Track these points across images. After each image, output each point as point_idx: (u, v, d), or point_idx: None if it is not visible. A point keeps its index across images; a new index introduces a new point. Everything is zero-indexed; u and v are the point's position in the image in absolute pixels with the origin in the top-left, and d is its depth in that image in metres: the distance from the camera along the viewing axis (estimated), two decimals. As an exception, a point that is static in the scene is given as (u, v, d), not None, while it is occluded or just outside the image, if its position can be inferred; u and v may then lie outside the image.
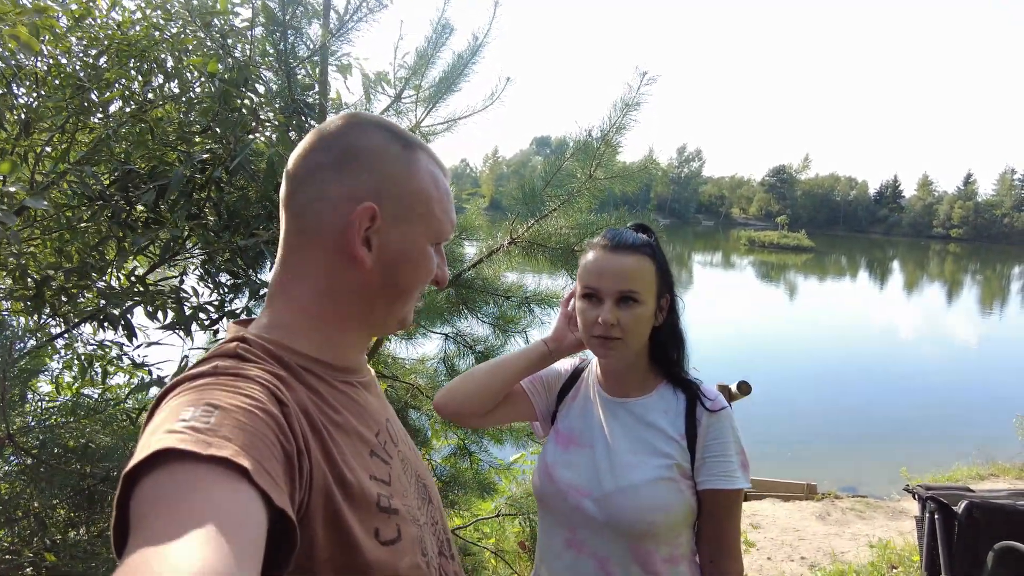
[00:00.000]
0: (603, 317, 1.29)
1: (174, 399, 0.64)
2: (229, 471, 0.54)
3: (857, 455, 9.42)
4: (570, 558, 1.34)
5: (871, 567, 4.41)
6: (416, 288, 0.86)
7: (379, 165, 0.80)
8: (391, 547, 0.75)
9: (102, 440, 1.83)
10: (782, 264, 48.14)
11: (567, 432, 1.43)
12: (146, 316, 2.05)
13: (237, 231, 2.11)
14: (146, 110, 2.29)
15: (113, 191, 2.12)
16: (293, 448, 0.64)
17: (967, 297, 35.80)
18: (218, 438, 0.56)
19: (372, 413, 0.85)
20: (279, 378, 0.70)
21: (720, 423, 1.35)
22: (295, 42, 2.21)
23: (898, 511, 6.18)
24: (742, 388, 3.64)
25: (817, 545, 5.29)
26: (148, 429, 0.60)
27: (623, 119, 2.27)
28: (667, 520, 1.29)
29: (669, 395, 1.38)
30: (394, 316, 0.87)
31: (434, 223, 0.84)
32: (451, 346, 2.78)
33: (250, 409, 0.62)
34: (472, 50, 2.64)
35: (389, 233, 0.80)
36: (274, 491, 0.57)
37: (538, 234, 2.31)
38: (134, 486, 0.54)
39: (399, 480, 0.83)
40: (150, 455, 0.54)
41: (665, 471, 1.30)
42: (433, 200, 0.84)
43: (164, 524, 0.49)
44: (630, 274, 1.31)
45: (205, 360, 0.71)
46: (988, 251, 75.88)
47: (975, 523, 2.20)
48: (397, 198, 0.80)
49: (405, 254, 0.82)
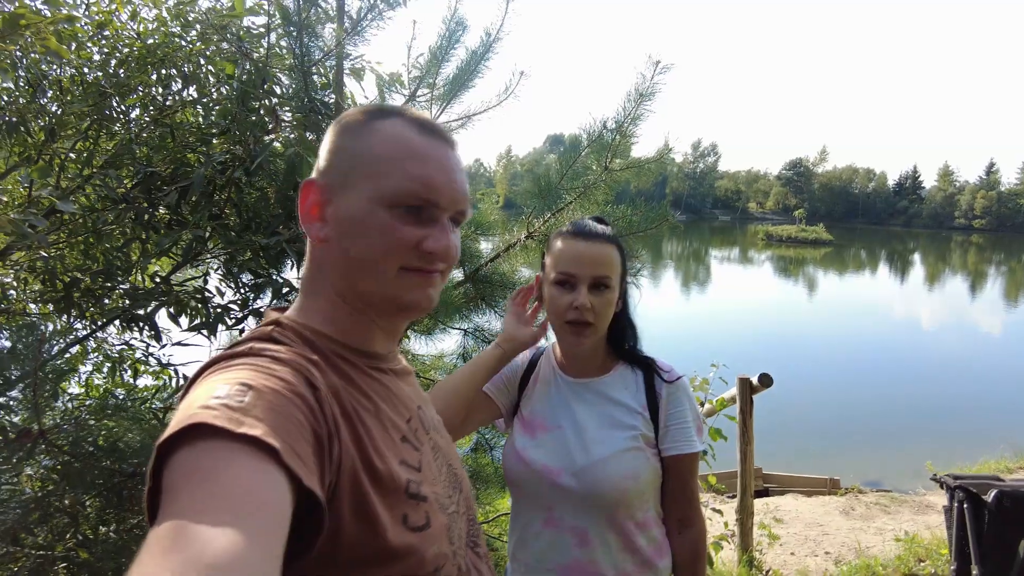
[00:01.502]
0: (579, 302, 1.36)
1: (210, 376, 0.65)
2: (259, 451, 0.55)
3: (881, 449, 9.30)
4: (549, 536, 1.40)
5: (898, 561, 4.34)
6: (375, 258, 0.78)
7: (335, 140, 0.81)
8: (419, 533, 0.75)
9: (132, 438, 1.87)
10: (801, 258, 47.62)
11: (532, 419, 1.48)
12: (168, 318, 2.09)
13: (258, 230, 2.14)
14: (166, 115, 2.34)
15: (136, 193, 2.16)
16: (324, 431, 0.65)
17: (991, 289, 35.15)
18: (250, 418, 0.57)
19: (403, 400, 0.86)
20: (312, 362, 0.71)
21: (678, 392, 1.44)
22: (310, 43, 2.24)
23: (924, 505, 6.09)
24: (763, 380, 3.63)
25: (841, 540, 5.22)
26: (183, 404, 0.62)
27: (638, 109, 2.27)
28: (637, 487, 1.38)
29: (628, 372, 1.47)
30: (372, 293, 0.80)
31: (382, 182, 0.77)
32: (470, 341, 2.79)
33: (282, 391, 0.63)
34: (485, 46, 2.64)
35: (338, 202, 0.79)
36: (303, 472, 0.58)
37: (554, 228, 2.31)
38: (168, 457, 0.55)
39: (429, 467, 0.83)
40: (184, 428, 0.55)
41: (632, 442, 1.39)
42: (385, 159, 0.77)
43: (193, 500, 0.50)
44: (604, 260, 1.39)
45: (241, 341, 0.73)
46: (1012, 241, 74.39)
47: (1006, 512, 2.17)
48: (343, 166, 0.79)
49: (349, 219, 0.78)
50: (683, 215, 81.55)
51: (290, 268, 2.28)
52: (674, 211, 2.48)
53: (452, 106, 2.73)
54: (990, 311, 25.73)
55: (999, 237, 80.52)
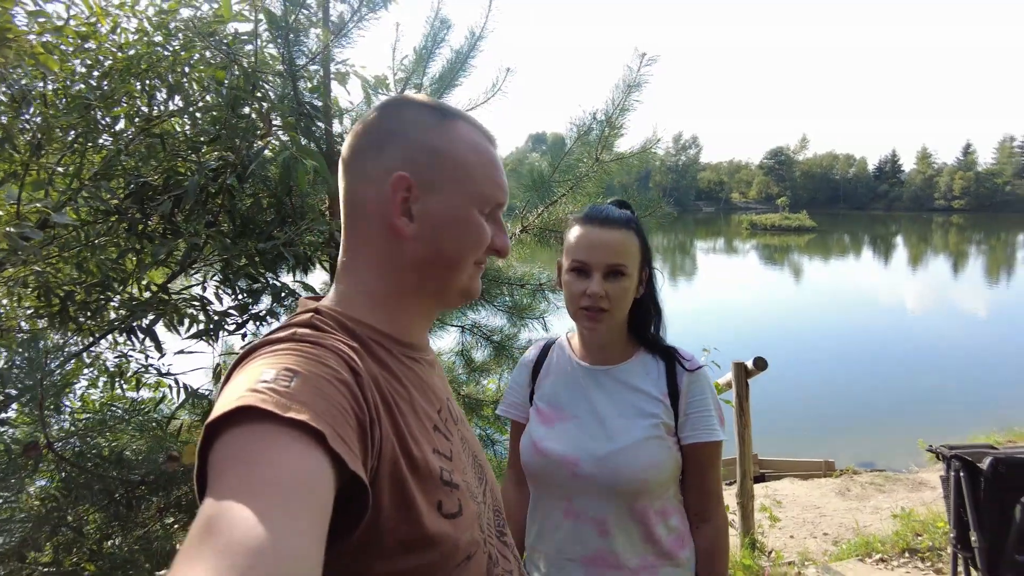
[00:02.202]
0: (592, 289, 1.34)
1: (254, 361, 0.66)
2: (304, 435, 0.56)
3: (873, 430, 9.40)
4: (569, 526, 1.38)
5: (896, 536, 4.40)
6: (465, 256, 0.84)
7: (412, 137, 0.82)
8: (453, 520, 0.76)
9: (137, 448, 1.87)
10: (785, 246, 47.99)
11: (548, 409, 1.47)
12: (165, 327, 2.09)
13: (252, 236, 2.14)
14: (153, 124, 2.33)
15: (128, 204, 2.16)
16: (366, 417, 0.66)
17: (973, 268, 35.61)
18: (296, 402, 0.58)
19: (435, 390, 0.87)
20: (352, 349, 0.72)
21: (699, 381, 1.41)
22: (297, 47, 2.25)
23: (918, 483, 6.17)
24: (758, 364, 3.68)
25: (839, 521, 5.28)
26: (228, 388, 0.63)
27: (626, 100, 2.30)
28: (659, 476, 1.36)
29: (649, 360, 1.45)
30: (451, 287, 0.86)
31: (475, 188, 0.83)
32: (468, 338, 2.80)
33: (327, 377, 0.64)
34: (471, 44, 2.66)
35: (428, 201, 0.81)
36: (349, 457, 0.59)
37: (548, 221, 2.33)
38: (215, 438, 0.56)
39: (459, 457, 0.84)
40: (232, 410, 0.56)
41: (653, 430, 1.36)
42: (472, 165, 0.83)
43: (240, 483, 0.51)
44: (618, 248, 1.36)
45: (283, 327, 0.74)
46: (991, 220, 75.46)
47: (1001, 478, 2.21)
48: (432, 166, 0.81)
49: (447, 221, 0.82)
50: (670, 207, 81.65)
51: (286, 272, 2.29)
52: (656, 191, 2.52)
53: (440, 105, 2.75)
54: (973, 290, 26.07)
55: (978, 217, 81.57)
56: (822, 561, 4.25)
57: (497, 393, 2.89)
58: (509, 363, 2.75)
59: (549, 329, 2.65)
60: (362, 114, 2.82)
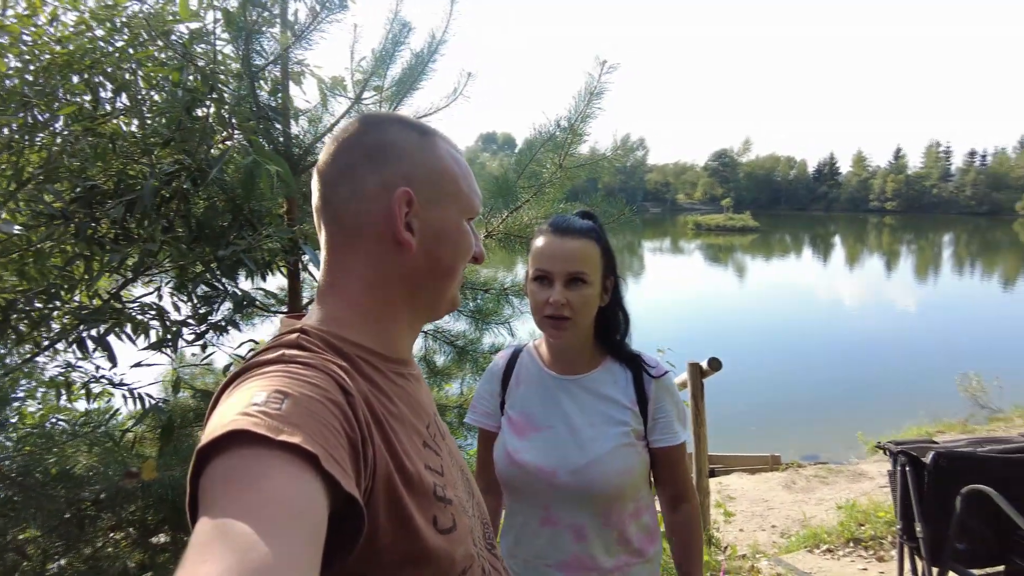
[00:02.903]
0: (553, 298, 1.38)
1: (243, 385, 0.65)
2: (297, 458, 0.55)
3: (816, 424, 9.76)
4: (548, 534, 1.43)
5: (840, 527, 4.59)
6: (460, 265, 0.89)
7: (405, 153, 0.83)
8: (448, 535, 0.76)
9: (88, 464, 1.78)
10: (729, 246, 49.34)
11: (521, 419, 1.49)
12: (116, 337, 2.00)
13: (210, 242, 2.08)
14: (99, 124, 2.23)
15: (75, 208, 2.06)
16: (358, 436, 0.66)
17: (904, 266, 37.41)
18: (288, 425, 0.57)
19: (423, 405, 0.87)
20: (342, 368, 0.72)
21: (664, 387, 1.49)
22: (255, 48, 2.19)
23: (858, 474, 6.44)
24: (713, 365, 3.77)
25: (786, 513, 5.48)
26: (218, 412, 0.62)
27: (588, 107, 2.32)
28: (631, 481, 1.42)
29: (616, 368, 1.49)
30: (443, 297, 0.89)
31: (464, 199, 0.88)
32: (430, 342, 2.78)
33: (318, 398, 0.63)
34: (431, 48, 2.65)
35: (427, 215, 0.83)
36: (343, 478, 0.58)
37: (513, 226, 2.34)
38: (206, 464, 0.55)
39: (449, 471, 0.85)
40: (224, 434, 0.55)
41: (624, 438, 1.42)
42: (459, 177, 0.87)
43: (232, 509, 0.50)
44: (578, 256, 1.39)
45: (270, 348, 0.73)
46: (920, 221, 79.26)
47: (942, 471, 2.33)
48: (427, 181, 0.84)
49: (445, 232, 0.85)
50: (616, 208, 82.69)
51: (244, 279, 2.23)
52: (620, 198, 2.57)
53: (401, 108, 2.72)
54: (904, 288, 27.37)
55: (908, 218, 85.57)
56: (772, 554, 4.40)
57: (460, 398, 2.89)
58: (472, 367, 2.75)
59: (515, 334, 2.67)
60: (319, 115, 2.77)
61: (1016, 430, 7.73)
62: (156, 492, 1.70)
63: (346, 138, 0.84)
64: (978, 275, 32.54)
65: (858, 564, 4.05)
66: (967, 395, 9.81)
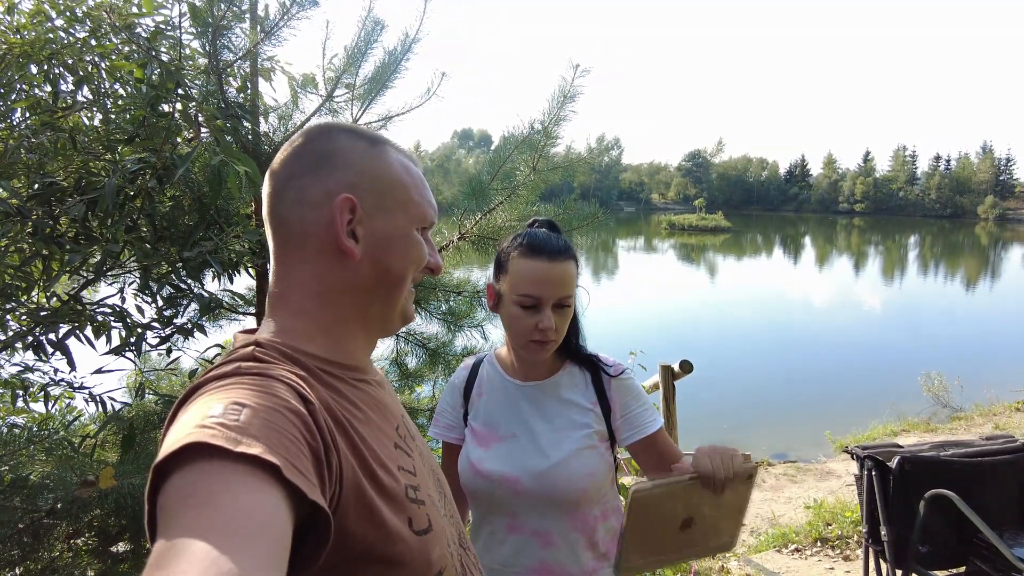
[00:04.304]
0: (544, 324, 1.35)
1: (199, 398, 0.63)
2: (257, 469, 0.54)
3: (784, 422, 9.90)
4: (514, 542, 1.42)
5: (808, 526, 4.67)
6: (408, 275, 0.86)
7: (350, 161, 0.82)
8: (424, 536, 0.76)
9: (44, 471, 1.72)
10: (702, 245, 49.89)
11: (484, 429, 1.49)
12: (77, 339, 1.93)
13: (174, 241, 2.02)
14: (59, 118, 2.15)
15: (32, 206, 1.99)
16: (320, 444, 0.65)
17: (871, 267, 38.21)
18: (247, 436, 0.56)
19: (389, 408, 0.87)
20: (300, 377, 0.71)
21: (626, 384, 1.48)
22: (224, 44, 2.14)
23: (826, 472, 6.56)
24: (684, 367, 3.80)
25: (755, 512, 5.55)
26: (175, 426, 0.60)
27: (561, 110, 2.32)
28: (595, 483, 1.41)
29: (575, 371, 1.50)
30: (393, 309, 0.87)
31: (414, 208, 0.86)
32: (402, 345, 2.75)
33: (277, 408, 0.62)
34: (405, 47, 2.62)
35: (372, 222, 0.82)
36: (307, 486, 0.57)
37: (487, 228, 2.32)
38: (164, 479, 0.54)
39: (421, 472, 0.85)
40: (180, 448, 0.54)
41: (586, 440, 1.42)
42: (408, 187, 0.86)
43: (192, 524, 0.49)
44: (567, 281, 1.38)
45: (225, 363, 0.71)
46: (887, 223, 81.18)
47: (907, 475, 2.38)
48: (373, 189, 0.82)
49: (391, 240, 0.83)
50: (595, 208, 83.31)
51: (211, 279, 2.17)
52: (594, 202, 2.56)
53: (373, 106, 2.69)
54: (871, 288, 27.94)
55: (877, 219, 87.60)
56: (742, 553, 4.45)
57: (432, 400, 2.87)
58: (444, 370, 2.73)
59: (488, 337, 2.65)
60: (289, 113, 2.72)
61: (976, 428, 7.96)
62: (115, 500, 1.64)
63: (295, 147, 0.84)
64: (941, 276, 33.39)
65: (825, 564, 4.12)
66: (930, 394, 10.05)
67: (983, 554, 2.29)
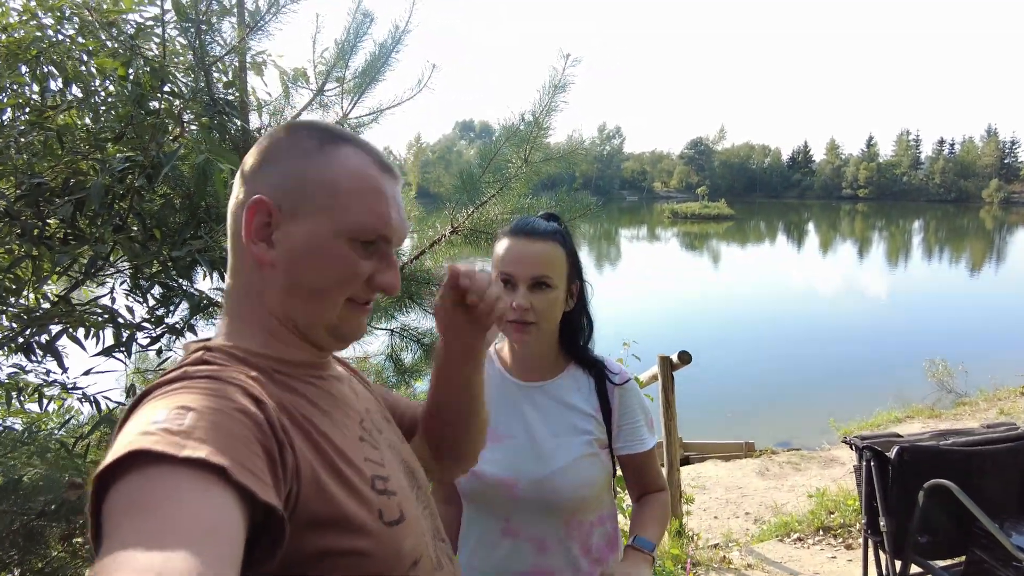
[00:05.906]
0: (517, 302, 1.32)
1: (146, 405, 0.62)
2: (205, 472, 0.53)
3: (788, 410, 9.90)
4: (508, 546, 1.39)
5: (811, 515, 4.66)
6: (328, 289, 0.78)
7: (284, 161, 0.78)
8: (395, 527, 0.75)
9: (36, 473, 1.72)
10: (705, 233, 49.78)
11: None
12: (70, 339, 1.92)
13: (164, 240, 2.01)
14: (47, 117, 2.14)
15: (20, 207, 1.98)
16: (274, 443, 0.64)
17: (876, 253, 38.07)
18: (192, 440, 0.55)
19: (350, 403, 0.85)
20: (251, 377, 0.70)
21: (628, 395, 1.45)
22: (210, 39, 2.11)
23: (829, 460, 6.55)
24: (683, 357, 3.79)
25: (759, 500, 5.55)
26: (120, 435, 0.59)
27: (552, 100, 2.29)
28: (594, 491, 1.40)
29: (579, 374, 1.46)
30: (316, 323, 0.79)
31: (346, 217, 0.77)
32: (397, 340, 2.74)
33: (224, 409, 0.61)
34: (395, 39, 2.59)
35: (290, 227, 0.76)
36: (258, 487, 0.56)
37: (479, 221, 2.30)
38: (107, 490, 0.52)
39: (390, 464, 0.84)
40: (122, 456, 0.52)
41: (587, 447, 1.39)
42: (344, 191, 0.77)
43: (137, 534, 0.48)
44: (542, 260, 1.34)
45: (174, 369, 0.70)
46: (891, 208, 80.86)
47: (906, 465, 2.36)
48: (296, 191, 0.77)
49: (306, 250, 0.76)
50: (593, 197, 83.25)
51: (202, 278, 2.16)
52: (586, 193, 2.54)
53: (364, 99, 2.67)
54: (876, 273, 27.86)
55: (880, 205, 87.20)
56: (744, 543, 4.45)
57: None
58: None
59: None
60: (280, 108, 2.70)
61: (981, 413, 7.92)
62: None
63: (256, 147, 0.82)
64: (946, 261, 33.25)
65: (827, 552, 4.11)
66: (934, 380, 10.03)
67: (982, 543, 2.27)
